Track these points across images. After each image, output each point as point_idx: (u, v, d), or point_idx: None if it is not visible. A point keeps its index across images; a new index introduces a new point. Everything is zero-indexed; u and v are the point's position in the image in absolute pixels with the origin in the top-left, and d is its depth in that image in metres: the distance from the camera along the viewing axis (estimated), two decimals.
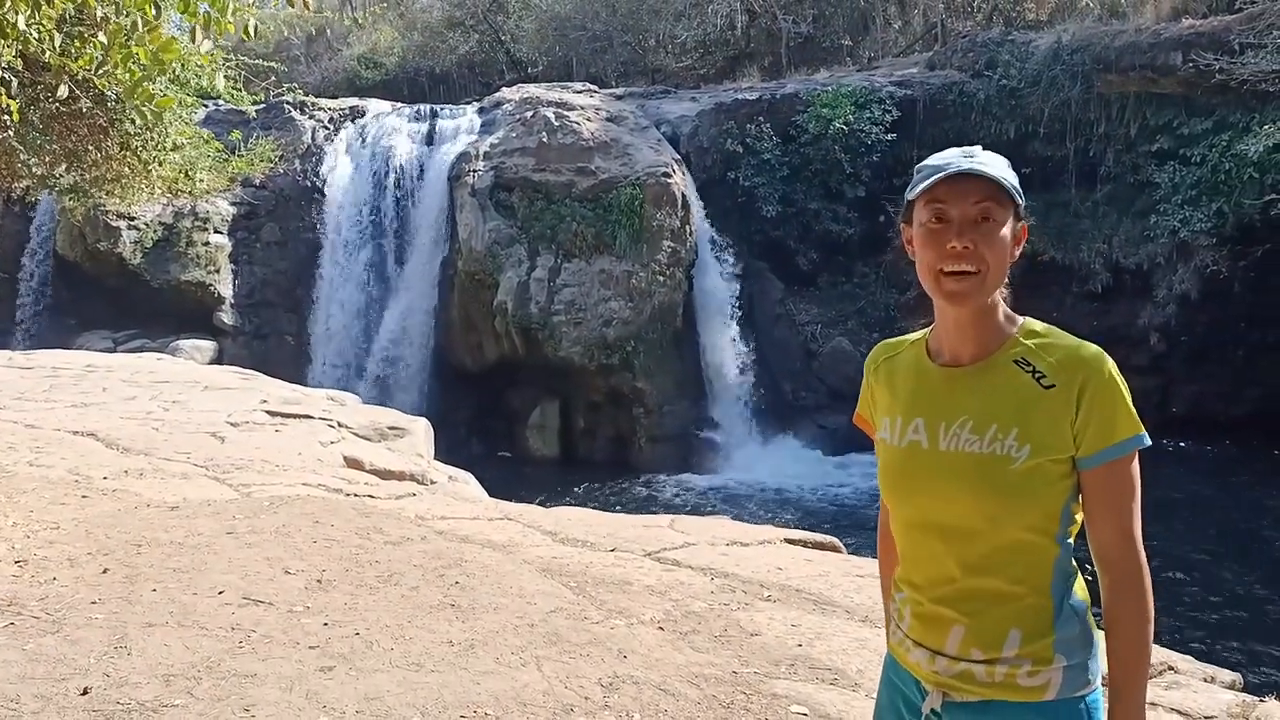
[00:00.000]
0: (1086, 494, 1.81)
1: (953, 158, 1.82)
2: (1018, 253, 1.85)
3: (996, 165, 1.81)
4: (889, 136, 16.68)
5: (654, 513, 10.22)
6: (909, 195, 1.86)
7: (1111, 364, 1.79)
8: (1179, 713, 3.57)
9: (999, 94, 16.83)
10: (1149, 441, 1.78)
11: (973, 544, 1.81)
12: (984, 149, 1.87)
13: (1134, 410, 1.78)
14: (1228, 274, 14.60)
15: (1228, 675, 4.12)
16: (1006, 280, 1.85)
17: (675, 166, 16.29)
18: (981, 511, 1.79)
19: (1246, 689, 4.08)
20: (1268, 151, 13.38)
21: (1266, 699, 3.78)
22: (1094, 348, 1.80)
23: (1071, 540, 1.85)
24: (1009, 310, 1.91)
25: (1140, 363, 14.80)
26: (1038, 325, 1.88)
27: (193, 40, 3.32)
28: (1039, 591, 1.81)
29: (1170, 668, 3.95)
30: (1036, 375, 1.79)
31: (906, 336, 2.05)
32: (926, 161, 1.87)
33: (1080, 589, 1.87)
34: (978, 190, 1.78)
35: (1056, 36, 17.00)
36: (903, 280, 17.52)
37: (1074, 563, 1.86)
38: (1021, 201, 1.83)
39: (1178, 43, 15.15)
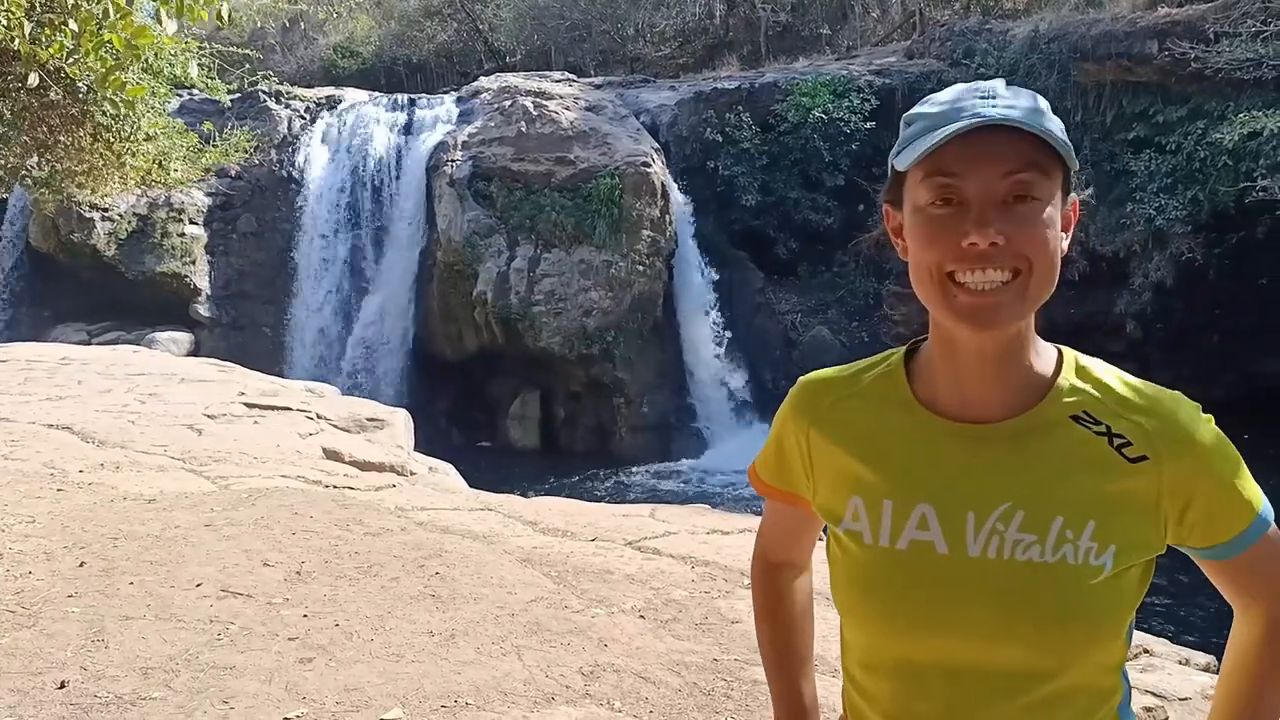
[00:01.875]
0: (1227, 582, 1.31)
1: (965, 100, 1.18)
2: (1067, 243, 1.22)
3: (1035, 109, 1.18)
4: (868, 125, 16.71)
5: (634, 502, 10.23)
6: (896, 163, 1.22)
7: (1206, 416, 1.25)
8: (1154, 694, 3.60)
9: None
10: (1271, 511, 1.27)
11: (1018, 697, 1.21)
12: (1008, 83, 1.22)
13: None
14: (1203, 261, 14.72)
15: (1202, 658, 4.16)
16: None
17: (654, 156, 16.27)
18: (1048, 650, 1.19)
19: (1218, 670, 4.12)
20: (1242, 140, 13.49)
21: None
22: (1184, 399, 1.25)
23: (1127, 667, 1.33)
24: (1036, 335, 1.28)
25: (1117, 349, 14.90)
26: (1086, 360, 1.29)
27: (159, 23, 3.28)
28: None
29: (1145, 650, 3.99)
30: (1115, 441, 1.21)
31: (852, 368, 1.38)
32: (919, 108, 1.23)
33: None
34: (1010, 152, 1.14)
35: (1034, 25, 17.06)
36: (883, 268, 17.58)
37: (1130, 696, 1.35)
38: (1074, 165, 1.20)
39: (1153, 31, 15.23)
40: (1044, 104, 1.20)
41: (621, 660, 3.74)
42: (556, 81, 18.29)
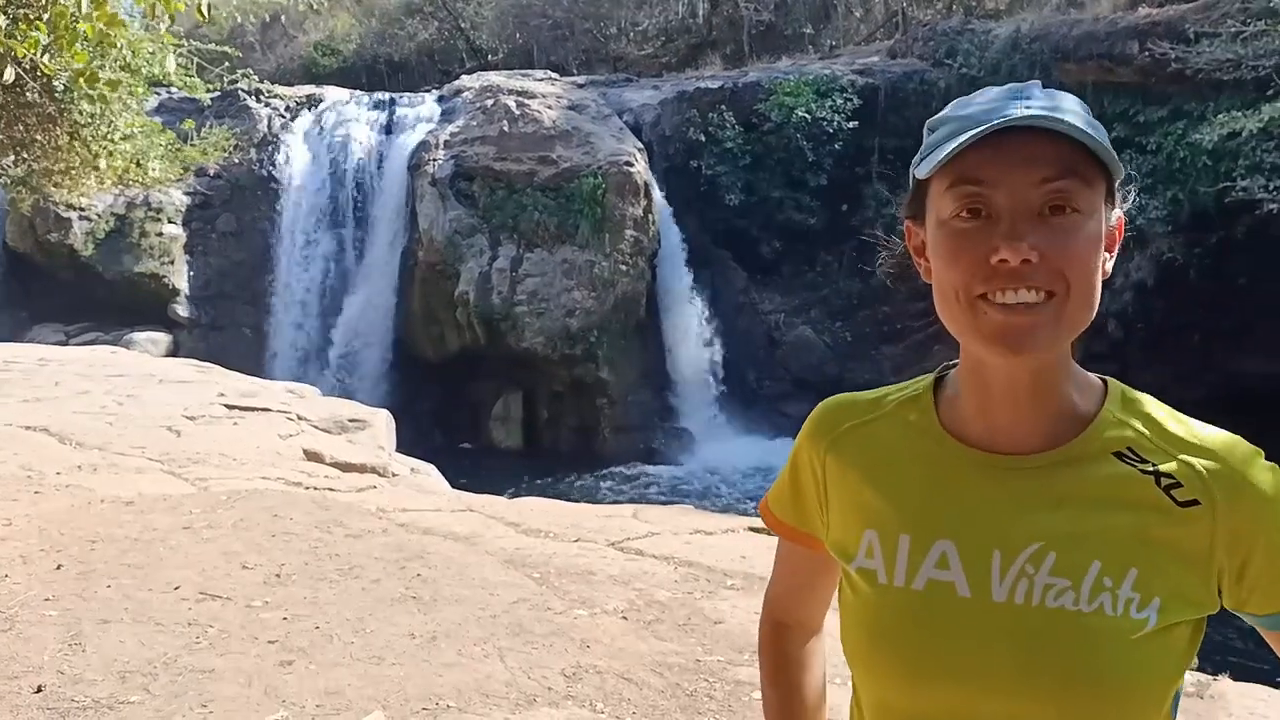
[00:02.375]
0: None
1: (997, 101, 1.07)
2: (1111, 264, 1.10)
3: (1074, 112, 1.06)
4: (851, 125, 16.73)
5: (618, 503, 10.22)
6: (918, 171, 1.10)
7: (1276, 467, 1.09)
8: None
9: (959, 83, 16.92)
10: None
11: None
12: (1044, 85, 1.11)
13: None
14: (1183, 261, 14.79)
15: None
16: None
17: (637, 155, 16.25)
18: (1074, 711, 1.05)
19: (1200, 669, 4.14)
20: (1222, 140, 13.55)
21: (1220, 678, 3.84)
22: (1243, 442, 1.11)
23: None
24: (1077, 364, 1.15)
25: (1099, 350, 14.97)
26: (1134, 394, 1.16)
27: (151, 16, 3.24)
28: None
29: None
30: (1163, 481, 1.07)
31: (879, 392, 1.27)
32: (946, 111, 1.12)
33: None
34: (1045, 157, 1.03)
35: (1016, 25, 17.13)
36: (863, 271, 17.61)
37: None
38: (1120, 173, 1.09)
39: (1134, 32, 15.31)
40: (1084, 107, 1.09)
41: (604, 661, 3.72)
42: (539, 80, 18.24)
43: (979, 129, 1.02)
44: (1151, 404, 1.14)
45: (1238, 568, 1.06)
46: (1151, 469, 1.08)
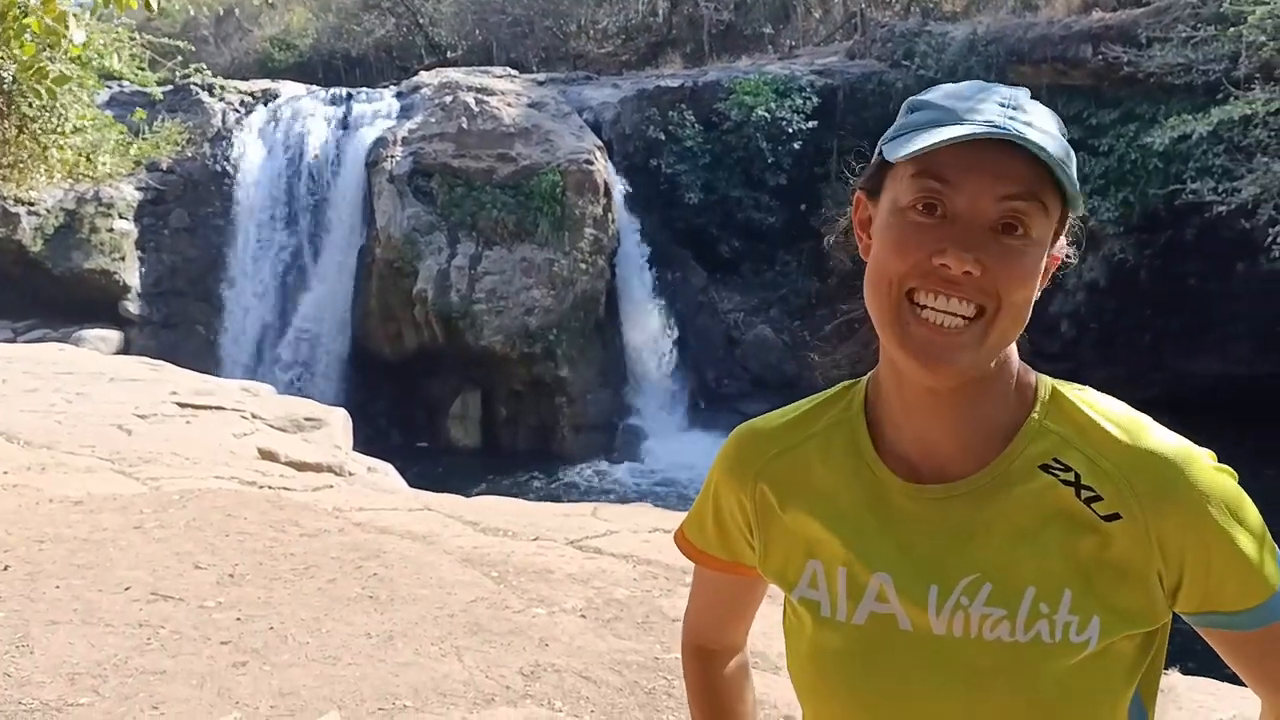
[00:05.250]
0: (1242, 663, 1.09)
1: (984, 103, 1.03)
2: (1036, 295, 1.05)
3: (1053, 135, 1.02)
4: (809, 125, 16.83)
5: (577, 501, 10.20)
6: (888, 152, 1.05)
7: (1211, 465, 1.05)
8: None
9: (917, 84, 17.06)
10: None
11: None
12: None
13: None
14: (1134, 261, 15.04)
15: None
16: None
17: (597, 153, 16.23)
18: None
19: None
20: (1172, 143, 13.76)
21: (1170, 672, 3.90)
22: (1176, 441, 1.06)
23: None
24: (1022, 364, 1.12)
25: (1052, 350, 15.19)
26: (1068, 391, 1.11)
27: (65, 28, 3.16)
28: None
29: None
30: (1083, 493, 1.04)
31: (796, 411, 1.21)
32: (930, 96, 1.08)
33: None
34: (1012, 173, 1.00)
35: (972, 28, 17.31)
36: (822, 270, 17.73)
37: None
38: (1079, 209, 1.05)
39: (1087, 35, 15.54)
40: (1057, 125, 1.05)
41: (562, 660, 3.71)
42: (498, 77, 18.16)
43: (963, 130, 0.99)
44: (1082, 401, 1.09)
45: (1176, 573, 1.03)
46: (1073, 479, 1.04)
